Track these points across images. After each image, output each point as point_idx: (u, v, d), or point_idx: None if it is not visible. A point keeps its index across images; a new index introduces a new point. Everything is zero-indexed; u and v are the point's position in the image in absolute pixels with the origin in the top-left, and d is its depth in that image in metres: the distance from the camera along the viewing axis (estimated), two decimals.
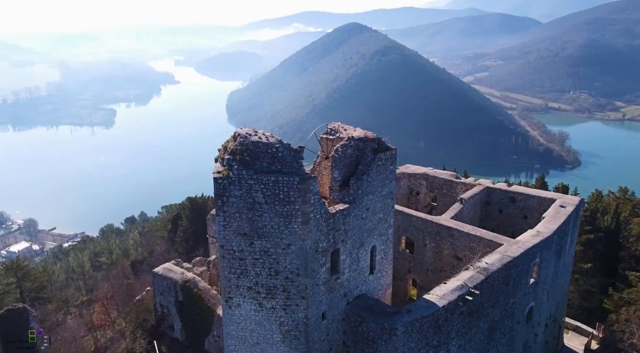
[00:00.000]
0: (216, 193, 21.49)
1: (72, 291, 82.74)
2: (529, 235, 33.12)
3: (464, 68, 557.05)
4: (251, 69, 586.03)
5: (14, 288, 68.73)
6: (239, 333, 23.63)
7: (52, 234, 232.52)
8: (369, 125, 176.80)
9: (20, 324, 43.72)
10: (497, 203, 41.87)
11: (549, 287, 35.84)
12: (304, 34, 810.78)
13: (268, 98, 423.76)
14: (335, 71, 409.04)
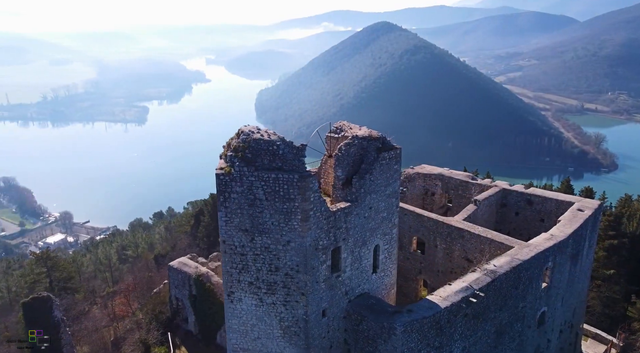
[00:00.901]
0: (218, 190, 21.99)
1: (100, 282, 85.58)
2: (542, 238, 32.44)
3: (496, 68, 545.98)
4: (280, 67, 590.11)
5: (44, 277, 71.56)
6: (240, 327, 24.09)
7: (85, 227, 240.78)
8: (396, 125, 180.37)
9: (44, 312, 45.66)
10: (514, 206, 41.09)
11: (564, 292, 34.97)
12: (333, 33, 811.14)
13: (296, 97, 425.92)
14: (364, 70, 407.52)
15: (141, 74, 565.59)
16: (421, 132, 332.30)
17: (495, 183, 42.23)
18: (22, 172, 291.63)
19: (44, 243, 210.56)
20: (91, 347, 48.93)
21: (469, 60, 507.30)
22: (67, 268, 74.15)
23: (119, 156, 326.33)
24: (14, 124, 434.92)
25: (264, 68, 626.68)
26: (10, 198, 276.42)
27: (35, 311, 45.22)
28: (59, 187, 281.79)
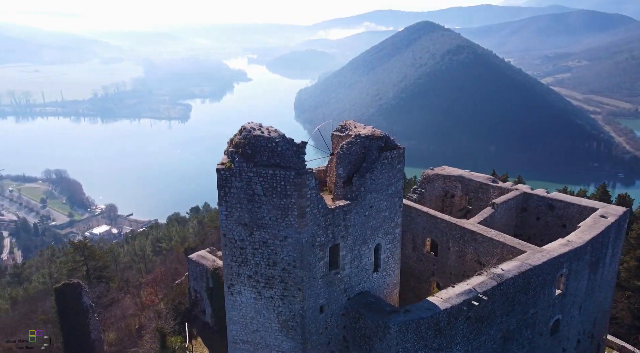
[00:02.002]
0: (218, 184, 22.72)
1: (134, 272, 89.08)
2: (558, 244, 31.49)
3: (543, 69, 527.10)
4: (320, 67, 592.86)
5: (81, 265, 75.14)
6: (240, 319, 24.78)
7: (129, 219, 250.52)
8: (436, 126, 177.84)
9: (74, 297, 48.14)
10: (534, 210, 39.97)
11: (582, 300, 33.76)
12: (374, 33, 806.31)
13: (335, 96, 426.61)
14: (404, 70, 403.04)
15: (185, 73, 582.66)
16: (462, 134, 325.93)
17: (516, 187, 41.20)
18: (73, 165, 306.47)
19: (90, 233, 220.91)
20: (117, 333, 51.26)
21: (514, 60, 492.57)
22: (103, 258, 77.45)
23: (163, 152, 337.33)
24: (67, 120, 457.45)
25: (304, 67, 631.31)
26: (61, 190, 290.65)
27: (66, 296, 47.76)
28: (106, 181, 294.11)
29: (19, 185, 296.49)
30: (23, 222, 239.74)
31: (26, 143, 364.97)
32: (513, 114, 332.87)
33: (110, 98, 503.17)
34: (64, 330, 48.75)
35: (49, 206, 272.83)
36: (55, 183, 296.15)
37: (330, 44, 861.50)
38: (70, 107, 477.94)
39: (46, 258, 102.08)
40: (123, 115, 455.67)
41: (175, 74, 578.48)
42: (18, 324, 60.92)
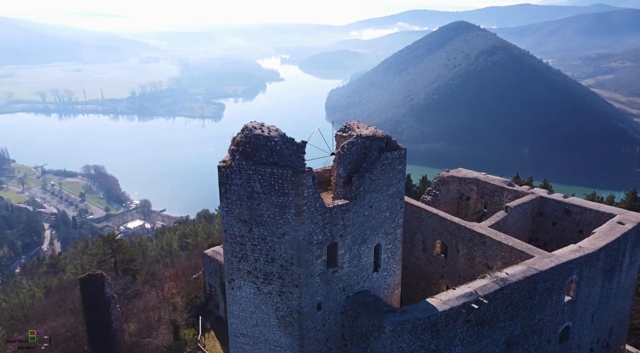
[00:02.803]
0: (220, 181, 23.44)
1: (160, 267, 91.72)
2: (568, 249, 30.83)
3: (584, 70, 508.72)
4: (352, 67, 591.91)
5: (109, 258, 78.05)
6: (240, 313, 25.44)
7: (162, 215, 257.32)
8: (469, 128, 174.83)
9: (97, 288, 50.12)
10: (551, 215, 39.12)
11: (595, 308, 32.87)
12: (407, 33, 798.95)
13: (366, 97, 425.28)
14: (437, 71, 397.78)
15: (220, 72, 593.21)
16: (496, 136, 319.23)
17: (532, 191, 40.41)
18: (111, 161, 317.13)
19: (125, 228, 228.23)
20: (138, 324, 53.01)
21: (553, 61, 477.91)
22: (130, 251, 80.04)
23: (196, 150, 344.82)
24: (106, 117, 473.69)
25: (336, 68, 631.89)
26: (99, 185, 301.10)
27: (89, 286, 49.77)
28: (141, 177, 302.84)
29: (60, 180, 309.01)
30: (63, 215, 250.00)
31: (68, 139, 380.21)
32: (549, 116, 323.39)
33: (147, 97, 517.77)
34: (88, 319, 50.79)
35: (87, 200, 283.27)
36: (93, 178, 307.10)
37: (362, 44, 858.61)
38: (109, 105, 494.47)
39: (79, 250, 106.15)
40: (159, 114, 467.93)
41: (210, 74, 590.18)
42: (49, 312, 63.62)
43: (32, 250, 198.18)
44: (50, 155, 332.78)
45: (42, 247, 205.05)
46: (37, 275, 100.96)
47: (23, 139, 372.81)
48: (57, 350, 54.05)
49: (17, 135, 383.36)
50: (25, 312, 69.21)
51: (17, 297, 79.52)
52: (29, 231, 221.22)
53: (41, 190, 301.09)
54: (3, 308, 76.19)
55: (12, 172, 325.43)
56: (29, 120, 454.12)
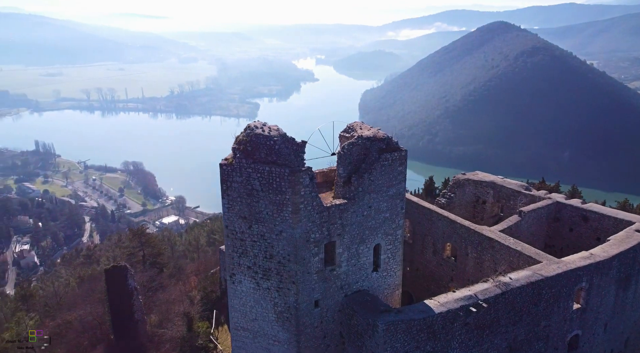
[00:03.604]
0: (221, 178, 24.28)
1: (187, 261, 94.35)
2: (578, 256, 30.12)
3: (632, 72, 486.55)
4: (387, 68, 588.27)
5: (138, 251, 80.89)
6: (240, 307, 26.22)
7: (195, 211, 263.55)
8: (506, 131, 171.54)
9: (120, 279, 52.30)
10: (568, 221, 38.16)
11: (608, 318, 31.93)
12: (445, 34, 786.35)
13: (400, 98, 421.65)
14: (474, 72, 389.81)
15: (255, 72, 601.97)
16: (534, 140, 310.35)
17: (549, 196, 39.52)
18: (149, 158, 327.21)
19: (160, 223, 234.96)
20: (159, 316, 54.93)
21: (598, 63, 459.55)
22: (158, 245, 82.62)
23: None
24: (145, 115, 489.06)
25: (371, 68, 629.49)
26: (137, 180, 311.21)
27: (114, 278, 51.99)
28: (177, 174, 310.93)
29: (101, 175, 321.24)
30: (102, 208, 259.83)
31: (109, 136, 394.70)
32: (592, 119, 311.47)
33: (185, 96, 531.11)
34: (112, 309, 53.06)
35: (126, 195, 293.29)
36: (132, 174, 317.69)
37: (398, 45, 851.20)
38: (149, 103, 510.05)
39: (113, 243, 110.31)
40: (196, 112, 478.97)
41: (246, 74, 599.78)
42: (79, 301, 66.75)
43: (73, 241, 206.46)
44: (92, 151, 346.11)
45: (82, 239, 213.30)
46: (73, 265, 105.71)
47: (68, 135, 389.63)
48: (85, 338, 56.72)
49: (63, 131, 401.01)
50: (59, 300, 72.67)
51: (52, 286, 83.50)
52: (71, 223, 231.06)
53: (83, 184, 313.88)
54: (40, 295, 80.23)
55: (57, 167, 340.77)
56: (75, 117, 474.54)
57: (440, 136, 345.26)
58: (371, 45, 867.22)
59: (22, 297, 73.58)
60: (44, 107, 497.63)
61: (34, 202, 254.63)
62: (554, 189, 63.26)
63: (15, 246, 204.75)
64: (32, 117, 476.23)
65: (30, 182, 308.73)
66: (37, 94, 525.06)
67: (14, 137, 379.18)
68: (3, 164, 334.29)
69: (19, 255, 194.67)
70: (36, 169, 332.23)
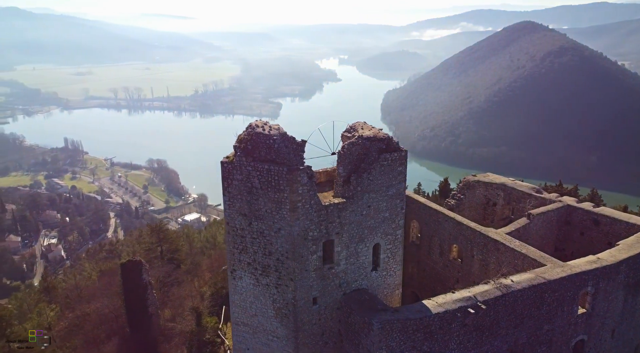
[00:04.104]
0: (222, 176, 24.85)
1: (205, 258, 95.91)
2: (584, 260, 29.66)
3: None
4: (410, 68, 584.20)
5: (156, 246, 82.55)
6: (241, 303, 26.74)
7: (217, 209, 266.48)
8: (530, 133, 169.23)
9: (135, 273, 53.65)
10: (579, 225, 37.50)
11: (615, 324, 31.31)
12: (470, 34, 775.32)
13: (423, 98, 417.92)
14: (499, 73, 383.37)
15: (278, 72, 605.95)
16: (560, 142, 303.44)
17: (560, 199, 38.89)
18: (172, 156, 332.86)
19: (182, 220, 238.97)
20: (172, 310, 56.17)
21: (630, 64, 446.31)
22: (175, 242, 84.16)
23: None
24: (170, 114, 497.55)
25: (394, 69, 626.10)
26: (161, 178, 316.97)
27: (129, 272, 53.35)
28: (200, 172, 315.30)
29: (126, 172, 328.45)
30: (127, 205, 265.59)
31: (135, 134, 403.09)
32: (622, 122, 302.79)
33: (209, 95, 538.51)
34: (127, 303, 54.49)
35: (149, 192, 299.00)
36: (156, 171, 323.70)
37: (422, 45, 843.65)
38: (174, 102, 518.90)
39: (134, 238, 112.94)
40: (219, 112, 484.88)
41: (269, 73, 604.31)
42: (98, 293, 68.72)
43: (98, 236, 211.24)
44: (119, 149, 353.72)
45: (107, 234, 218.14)
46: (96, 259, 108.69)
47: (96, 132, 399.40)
48: (101, 330, 58.34)
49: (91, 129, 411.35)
50: (79, 292, 74.78)
51: (74, 279, 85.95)
52: (96, 219, 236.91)
53: (109, 181, 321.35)
54: (62, 287, 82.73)
55: (85, 164, 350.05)
56: (102, 115, 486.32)
57: (463, 137, 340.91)
58: (395, 46, 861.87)
59: (45, 289, 75.98)
60: (74, 105, 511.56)
61: (62, 198, 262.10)
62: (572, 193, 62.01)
63: (44, 240, 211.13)
64: (62, 115, 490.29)
65: (59, 178, 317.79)
66: (68, 92, 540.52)
67: (44, 134, 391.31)
68: (34, 159, 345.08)
69: (46, 249, 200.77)
70: (65, 165, 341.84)
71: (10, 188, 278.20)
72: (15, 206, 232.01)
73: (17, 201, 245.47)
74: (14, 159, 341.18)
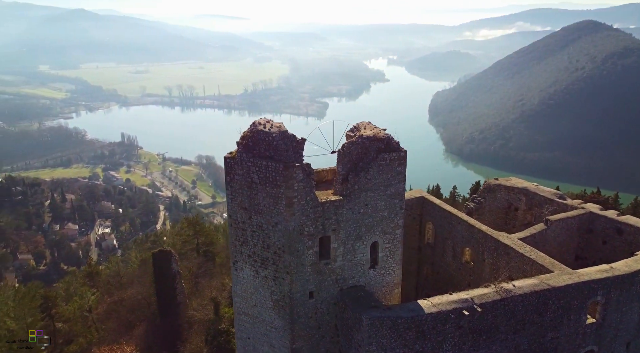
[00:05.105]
0: (225, 171, 26.02)
1: None
2: (596, 269, 28.68)
3: None
4: (461, 69, 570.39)
5: (192, 239, 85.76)
6: (242, 293, 27.85)
7: None
8: (587, 138, 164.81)
9: (165, 263, 56.41)
10: (601, 233, 36.05)
11: (631, 336, 30.01)
12: (526, 34, 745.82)
13: (473, 100, 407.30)
14: (555, 75, 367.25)
15: (326, 72, 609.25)
16: (618, 148, 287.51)
17: (582, 206, 37.50)
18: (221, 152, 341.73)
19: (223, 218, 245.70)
20: (198, 299, 58.54)
21: None
22: (211, 235, 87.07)
23: None
24: (220, 112, 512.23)
25: (444, 69, 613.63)
26: (209, 173, 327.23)
27: (160, 261, 56.19)
28: None
29: (177, 167, 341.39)
30: (175, 199, 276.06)
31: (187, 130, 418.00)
32: None
33: (257, 94, 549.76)
34: (157, 291, 57.43)
35: (198, 187, 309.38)
36: (204, 167, 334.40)
37: (475, 45, 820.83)
38: (224, 100, 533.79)
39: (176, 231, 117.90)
40: (267, 110, 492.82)
41: (317, 73, 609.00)
42: (135, 281, 72.49)
43: (147, 228, 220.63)
44: (171, 144, 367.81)
45: (156, 226, 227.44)
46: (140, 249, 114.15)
47: (150, 128, 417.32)
48: (134, 315, 61.66)
49: (146, 125, 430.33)
50: (120, 279, 79.10)
51: (117, 266, 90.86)
52: (147, 211, 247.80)
53: (161, 175, 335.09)
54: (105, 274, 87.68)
55: (139, 158, 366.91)
56: (157, 112, 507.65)
57: (514, 141, 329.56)
58: (446, 46, 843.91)
59: (89, 274, 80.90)
60: (131, 102, 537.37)
61: (117, 190, 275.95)
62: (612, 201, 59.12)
63: (98, 229, 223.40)
64: (120, 111, 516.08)
65: (115, 171, 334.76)
66: (126, 89, 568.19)
67: (104, 128, 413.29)
68: (94, 153, 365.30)
69: (100, 238, 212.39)
70: (121, 159, 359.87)
71: (71, 180, 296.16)
72: (74, 196, 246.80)
73: (77, 191, 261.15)
74: (76, 151, 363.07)
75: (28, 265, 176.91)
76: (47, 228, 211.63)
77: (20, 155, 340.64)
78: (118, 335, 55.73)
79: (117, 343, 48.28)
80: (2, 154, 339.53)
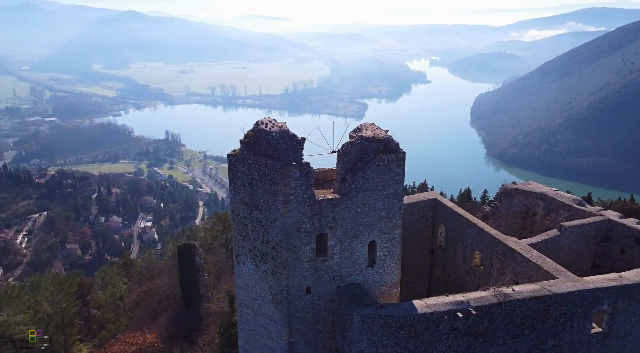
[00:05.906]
0: (228, 168, 27.06)
1: None
2: (603, 277, 27.87)
3: None
4: (507, 71, 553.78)
5: (221, 234, 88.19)
6: (244, 286, 28.83)
7: None
8: (638, 144, 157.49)
9: (189, 256, 58.56)
10: (619, 242, 34.77)
11: None
12: (577, 34, 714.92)
13: (517, 103, 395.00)
14: (607, 77, 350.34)
15: (366, 73, 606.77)
16: None
17: (601, 213, 36.25)
18: None
19: None
20: (218, 293, 60.34)
21: None
22: None
23: None
24: (261, 111, 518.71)
25: (488, 71, 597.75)
26: None
27: (184, 254, 58.43)
28: None
29: (217, 164, 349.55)
30: (214, 195, 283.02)
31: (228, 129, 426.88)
32: None
33: (297, 94, 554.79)
34: (182, 282, 59.69)
35: None
36: None
37: (522, 46, 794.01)
38: (265, 100, 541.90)
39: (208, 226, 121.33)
40: (306, 111, 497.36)
41: (357, 74, 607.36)
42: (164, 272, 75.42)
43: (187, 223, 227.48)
44: (213, 142, 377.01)
45: (195, 221, 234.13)
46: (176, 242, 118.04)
47: (193, 126, 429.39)
48: (160, 305, 64.25)
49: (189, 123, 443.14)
50: (151, 271, 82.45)
51: (150, 258, 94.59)
52: (187, 207, 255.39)
53: (201, 172, 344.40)
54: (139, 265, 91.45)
55: (182, 155, 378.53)
56: (200, 111, 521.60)
57: (560, 146, 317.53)
58: (491, 47, 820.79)
59: (124, 265, 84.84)
60: (176, 101, 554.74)
61: (159, 185, 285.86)
62: None
63: (140, 222, 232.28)
64: (165, 109, 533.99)
65: (158, 167, 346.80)
66: (171, 88, 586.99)
67: (149, 126, 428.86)
68: (139, 149, 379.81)
69: (142, 231, 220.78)
70: (164, 155, 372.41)
71: (117, 174, 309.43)
72: (119, 190, 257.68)
73: (122, 186, 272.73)
74: (123, 147, 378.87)
75: (75, 254, 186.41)
76: (93, 220, 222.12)
77: (73, 150, 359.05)
78: (144, 324, 58.31)
79: (140, 331, 50.53)
80: (56, 149, 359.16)
